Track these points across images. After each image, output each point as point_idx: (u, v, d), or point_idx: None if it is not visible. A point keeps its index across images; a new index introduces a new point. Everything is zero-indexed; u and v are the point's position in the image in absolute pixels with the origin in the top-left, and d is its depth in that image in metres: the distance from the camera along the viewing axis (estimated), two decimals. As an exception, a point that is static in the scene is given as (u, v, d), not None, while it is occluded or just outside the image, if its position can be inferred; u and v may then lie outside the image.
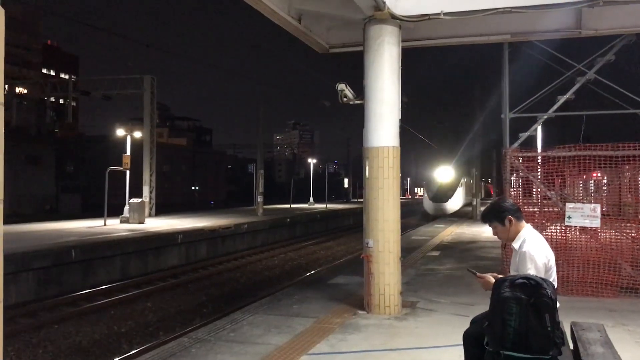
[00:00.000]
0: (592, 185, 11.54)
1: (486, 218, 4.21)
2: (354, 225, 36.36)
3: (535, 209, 10.63)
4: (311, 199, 48.12)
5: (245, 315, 8.03)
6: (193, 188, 62.99)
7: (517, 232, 4.05)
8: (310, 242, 26.24)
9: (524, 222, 4.11)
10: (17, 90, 40.01)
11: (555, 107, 14.37)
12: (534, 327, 3.23)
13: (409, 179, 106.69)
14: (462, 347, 4.14)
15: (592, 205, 9.29)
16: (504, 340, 3.27)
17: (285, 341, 6.65)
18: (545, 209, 10.38)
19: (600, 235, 9.65)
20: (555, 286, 3.79)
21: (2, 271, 1.55)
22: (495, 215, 4.10)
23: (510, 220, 4.02)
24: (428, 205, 42.71)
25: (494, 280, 3.69)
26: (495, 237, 4.34)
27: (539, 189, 10.36)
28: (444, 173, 44.34)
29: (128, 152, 24.88)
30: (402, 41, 8.37)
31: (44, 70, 76.32)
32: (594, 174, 10.86)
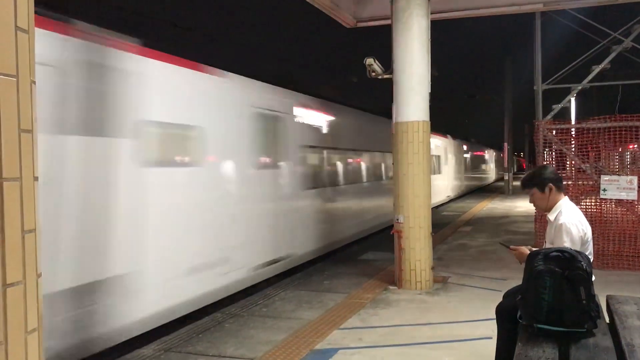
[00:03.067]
0: (628, 157, 11.25)
1: (528, 183, 4.13)
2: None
3: (570, 182, 10.43)
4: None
5: (277, 290, 8.13)
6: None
7: (555, 203, 3.98)
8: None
9: (563, 193, 4.04)
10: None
11: (589, 77, 14.03)
12: (568, 300, 3.19)
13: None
14: (494, 321, 4.12)
15: (629, 178, 9.07)
16: (538, 314, 3.24)
17: (316, 316, 6.71)
18: (580, 182, 10.18)
19: (637, 207, 9.44)
20: (591, 260, 3.72)
21: (40, 248, 1.59)
22: (537, 181, 4.03)
23: (550, 189, 3.96)
24: None
25: (528, 252, 3.65)
26: (529, 210, 4.28)
27: (573, 162, 10.15)
28: None
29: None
30: (432, 13, 8.21)
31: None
32: (631, 146, 10.58)
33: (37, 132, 1.60)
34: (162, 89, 6.34)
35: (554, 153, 10.21)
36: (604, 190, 9.08)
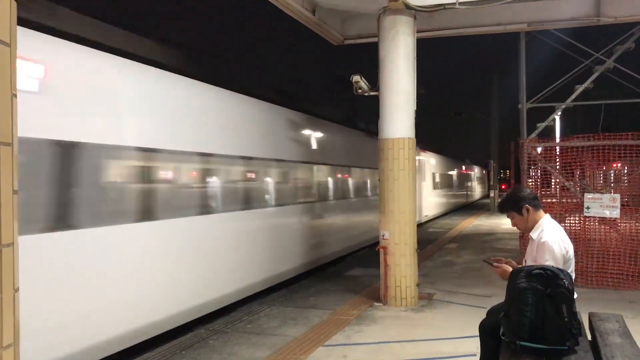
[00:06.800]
0: (612, 175, 11.38)
1: (503, 208, 4.18)
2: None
3: (554, 200, 10.51)
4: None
5: (262, 307, 8.07)
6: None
7: (536, 222, 4.01)
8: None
9: (542, 211, 4.07)
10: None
11: (573, 96, 14.23)
12: (550, 317, 3.20)
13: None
14: (478, 338, 4.12)
15: (612, 195, 9.17)
16: (520, 331, 3.25)
17: (301, 332, 6.67)
18: (564, 200, 10.27)
19: (620, 225, 9.53)
20: (574, 277, 3.75)
21: (18, 259, 1.58)
22: (512, 204, 4.07)
23: (527, 209, 3.99)
24: None
25: (510, 270, 3.67)
26: (514, 228, 4.30)
27: (557, 180, 10.24)
28: None
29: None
30: (418, 31, 8.31)
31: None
32: (614, 164, 10.70)
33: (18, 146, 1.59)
34: None
35: (539, 171, 10.30)
36: (588, 208, 9.16)
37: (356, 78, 8.34)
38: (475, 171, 44.70)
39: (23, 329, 1.97)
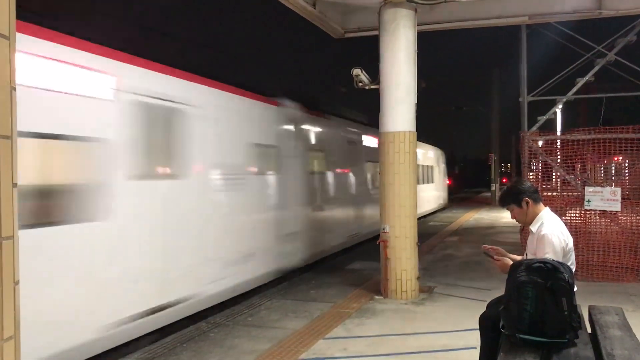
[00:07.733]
0: (612, 168, 11.36)
1: (503, 201, 4.18)
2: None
3: (555, 193, 10.50)
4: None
5: (263, 300, 8.09)
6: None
7: (535, 215, 4.01)
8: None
9: (542, 204, 4.07)
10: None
11: (574, 89, 14.16)
12: (550, 311, 3.21)
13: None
14: (479, 331, 4.13)
15: (612, 189, 9.16)
16: (520, 324, 3.26)
17: (302, 325, 6.69)
18: (565, 193, 10.26)
19: (621, 219, 9.52)
20: (574, 270, 3.75)
21: (19, 253, 1.58)
22: (512, 197, 4.07)
23: (527, 202, 3.99)
24: None
25: (510, 263, 3.68)
26: (514, 221, 4.30)
27: (558, 173, 10.23)
28: None
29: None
30: (418, 24, 8.28)
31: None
32: (615, 158, 10.68)
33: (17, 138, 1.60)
34: None
35: (540, 164, 10.28)
36: (588, 201, 9.16)
37: (357, 71, 8.32)
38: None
39: None
